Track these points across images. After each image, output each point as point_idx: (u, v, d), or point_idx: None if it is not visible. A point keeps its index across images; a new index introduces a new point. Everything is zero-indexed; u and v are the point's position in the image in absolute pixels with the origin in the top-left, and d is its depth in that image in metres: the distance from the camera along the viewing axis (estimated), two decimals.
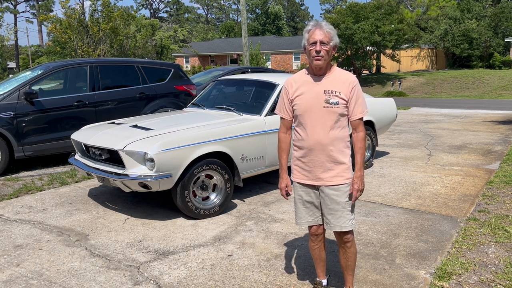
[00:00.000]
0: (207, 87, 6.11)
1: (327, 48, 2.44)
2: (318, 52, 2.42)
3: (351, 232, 2.62)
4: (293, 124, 2.68)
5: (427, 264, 3.27)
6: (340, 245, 2.68)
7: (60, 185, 5.60)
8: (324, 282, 2.85)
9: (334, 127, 2.50)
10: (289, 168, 2.72)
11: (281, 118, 2.70)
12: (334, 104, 2.47)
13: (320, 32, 2.42)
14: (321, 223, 2.69)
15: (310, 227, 2.74)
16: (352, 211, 2.59)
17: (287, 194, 2.72)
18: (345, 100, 2.49)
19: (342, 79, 2.52)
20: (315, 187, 2.61)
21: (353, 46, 25.87)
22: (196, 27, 68.64)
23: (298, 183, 2.65)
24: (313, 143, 2.52)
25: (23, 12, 54.92)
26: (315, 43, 2.43)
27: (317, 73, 2.54)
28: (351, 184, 2.55)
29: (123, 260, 3.42)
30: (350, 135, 2.58)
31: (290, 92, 2.60)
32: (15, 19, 52.06)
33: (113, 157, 4.31)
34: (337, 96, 2.48)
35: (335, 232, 2.64)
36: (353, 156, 2.58)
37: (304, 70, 2.63)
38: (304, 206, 2.66)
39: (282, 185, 2.70)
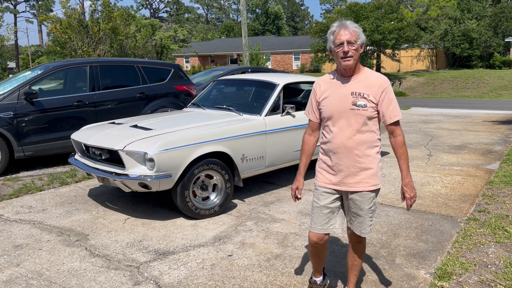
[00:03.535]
0: (207, 87, 6.11)
1: (355, 48, 2.35)
2: (346, 52, 2.35)
3: None
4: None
5: (427, 264, 3.27)
6: (351, 243, 2.68)
7: (60, 185, 5.60)
8: (319, 280, 2.80)
9: (361, 130, 2.42)
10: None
11: (309, 119, 2.65)
12: (362, 107, 2.39)
13: (346, 32, 2.35)
14: (329, 232, 2.61)
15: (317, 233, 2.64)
16: (373, 217, 2.57)
17: (297, 198, 2.64)
18: (374, 102, 2.40)
19: (371, 81, 2.43)
20: (339, 192, 2.54)
21: None
22: (196, 27, 68.65)
23: (321, 186, 2.57)
24: (338, 146, 2.45)
25: (23, 12, 54.98)
26: (342, 44, 2.35)
27: (345, 75, 2.46)
28: (401, 193, 2.49)
29: (123, 260, 3.41)
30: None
31: (317, 94, 2.54)
32: (15, 19, 52.11)
33: (113, 157, 4.31)
34: (365, 98, 2.39)
35: (350, 231, 2.64)
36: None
37: (332, 72, 2.57)
38: (321, 212, 2.57)
39: (293, 186, 2.64)
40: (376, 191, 2.52)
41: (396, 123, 2.44)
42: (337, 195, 2.55)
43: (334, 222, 2.59)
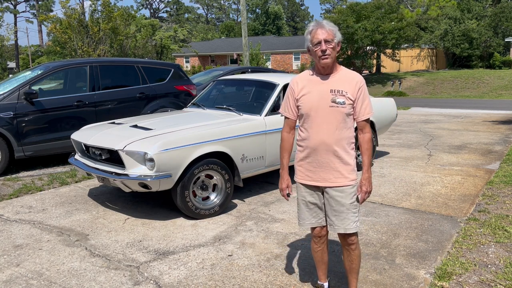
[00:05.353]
0: (207, 87, 6.11)
1: (332, 46, 2.41)
2: (324, 51, 2.40)
3: (355, 234, 2.58)
4: (297, 124, 2.64)
5: (427, 264, 3.27)
6: (344, 247, 2.64)
7: (60, 185, 5.60)
8: (326, 285, 2.84)
9: (340, 127, 2.46)
10: (291, 168, 2.70)
11: (285, 117, 2.66)
12: (341, 104, 2.44)
13: (323, 31, 2.40)
14: (325, 224, 2.65)
15: (313, 228, 2.69)
16: (357, 212, 2.56)
17: (288, 195, 2.68)
18: (351, 99, 2.46)
19: (348, 79, 2.49)
20: (319, 188, 2.57)
21: (353, 45, 25.87)
22: (196, 27, 68.65)
23: (302, 183, 2.61)
24: (318, 143, 2.48)
25: (23, 12, 54.97)
26: (319, 43, 2.40)
27: (323, 72, 2.50)
28: (359, 186, 2.52)
29: (123, 260, 3.42)
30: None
31: (295, 91, 2.56)
32: (15, 19, 52.11)
33: (113, 157, 4.31)
34: (343, 95, 2.44)
35: (339, 234, 2.61)
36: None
37: (309, 70, 2.59)
38: (307, 208, 2.62)
39: (283, 185, 2.66)
40: (356, 187, 2.54)
41: (367, 120, 2.53)
42: (319, 192, 2.58)
43: (323, 216, 2.63)
